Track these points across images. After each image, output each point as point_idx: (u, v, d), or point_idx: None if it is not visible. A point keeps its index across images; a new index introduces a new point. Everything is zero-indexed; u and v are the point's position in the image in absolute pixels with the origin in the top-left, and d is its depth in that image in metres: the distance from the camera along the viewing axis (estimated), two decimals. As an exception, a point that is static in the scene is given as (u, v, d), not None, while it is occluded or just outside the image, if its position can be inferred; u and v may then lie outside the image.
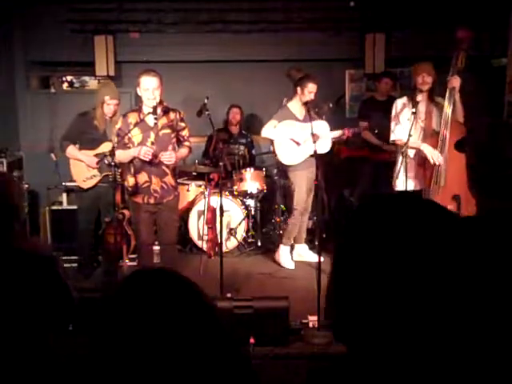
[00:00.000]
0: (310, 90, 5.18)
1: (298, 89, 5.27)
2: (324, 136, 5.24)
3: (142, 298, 0.93)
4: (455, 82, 4.27)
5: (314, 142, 4.55)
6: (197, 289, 0.99)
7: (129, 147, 4.28)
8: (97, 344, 0.92)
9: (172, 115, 4.32)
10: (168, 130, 4.30)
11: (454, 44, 4.29)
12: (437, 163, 4.31)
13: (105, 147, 4.92)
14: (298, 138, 5.31)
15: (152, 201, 4.33)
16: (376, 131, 5.49)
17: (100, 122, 4.90)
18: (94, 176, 4.98)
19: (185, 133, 4.39)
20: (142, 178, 4.31)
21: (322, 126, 5.28)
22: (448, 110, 4.27)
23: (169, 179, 4.36)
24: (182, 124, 4.38)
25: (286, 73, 6.16)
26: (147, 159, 4.15)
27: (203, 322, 0.94)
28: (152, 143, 4.24)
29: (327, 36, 6.61)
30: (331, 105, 5.24)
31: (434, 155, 4.32)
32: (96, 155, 4.94)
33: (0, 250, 1.72)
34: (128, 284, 0.97)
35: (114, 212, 4.61)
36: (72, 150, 4.97)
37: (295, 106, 5.35)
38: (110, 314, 0.94)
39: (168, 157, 4.18)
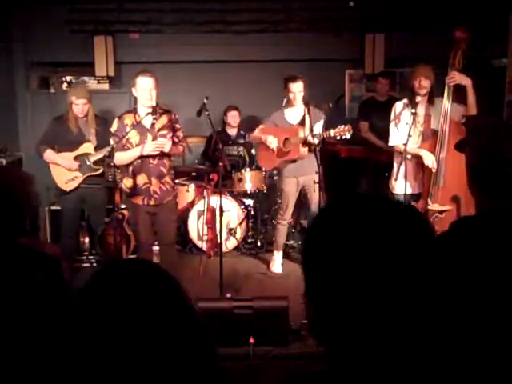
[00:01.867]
0: (292, 90, 5.01)
1: (286, 92, 5.14)
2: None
3: (113, 288, 0.92)
4: (465, 80, 4.22)
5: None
6: (174, 281, 0.98)
7: (127, 149, 4.29)
8: (71, 335, 0.92)
9: (168, 116, 4.34)
10: (165, 131, 4.31)
11: (452, 44, 4.29)
12: (431, 167, 4.31)
13: (85, 148, 4.92)
14: (273, 144, 5.17)
15: (152, 202, 4.35)
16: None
17: (72, 123, 4.90)
18: (76, 177, 4.94)
19: (179, 134, 4.41)
20: (142, 179, 4.31)
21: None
22: (447, 105, 4.27)
23: (167, 180, 4.38)
24: (177, 125, 4.40)
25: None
26: (157, 152, 4.19)
27: (177, 313, 0.93)
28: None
29: (327, 36, 6.62)
30: (331, 105, 5.20)
31: (429, 160, 4.31)
32: (76, 157, 4.93)
33: (5, 245, 1.72)
34: (101, 275, 0.97)
35: (114, 212, 4.61)
36: (50, 154, 4.94)
37: (289, 110, 5.20)
38: (83, 303, 0.93)
39: (163, 142, 4.19)
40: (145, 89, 4.17)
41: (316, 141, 4.83)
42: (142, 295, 0.92)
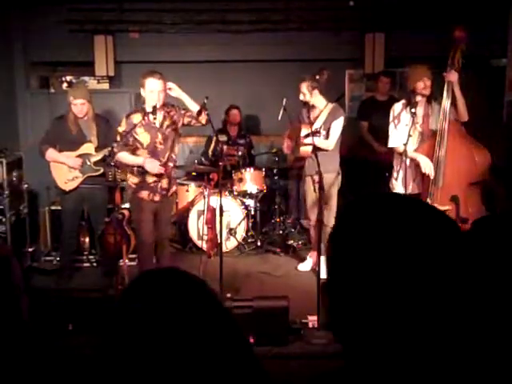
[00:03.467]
0: (300, 90, 5.09)
1: None
2: None
3: (152, 299, 0.91)
4: (452, 76, 4.24)
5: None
6: (209, 289, 0.97)
7: (132, 147, 4.34)
8: (104, 347, 0.90)
9: (172, 112, 4.41)
10: (170, 128, 4.39)
11: (451, 43, 4.29)
12: (428, 174, 4.30)
13: (86, 148, 4.92)
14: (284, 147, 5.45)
15: (157, 198, 4.42)
16: None
17: (72, 123, 4.89)
18: (76, 177, 4.94)
19: (188, 113, 4.44)
20: (152, 177, 4.39)
21: None
22: (446, 104, 4.26)
23: (172, 173, 4.53)
24: (182, 111, 4.44)
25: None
26: (155, 172, 4.30)
27: (217, 323, 0.92)
28: (160, 143, 4.35)
29: (327, 36, 6.62)
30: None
31: (427, 167, 4.30)
32: (77, 157, 4.93)
33: None
34: (138, 284, 0.95)
35: (114, 212, 4.61)
36: (52, 153, 4.94)
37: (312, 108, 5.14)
38: (120, 315, 0.92)
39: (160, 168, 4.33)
40: (153, 91, 4.18)
41: (316, 141, 4.82)
42: (179, 304, 0.90)
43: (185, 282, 0.96)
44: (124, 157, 4.31)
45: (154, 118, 4.25)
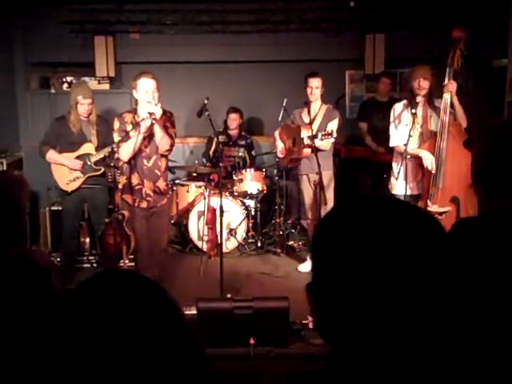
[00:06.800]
0: (310, 84, 5.05)
1: (304, 87, 5.17)
2: None
3: (101, 300, 0.90)
4: (451, 87, 4.26)
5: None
6: (161, 290, 0.96)
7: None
8: (55, 345, 0.90)
9: (163, 116, 4.22)
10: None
11: (450, 44, 4.29)
12: (430, 168, 4.29)
13: (87, 148, 4.92)
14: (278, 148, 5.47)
15: (144, 205, 4.32)
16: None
17: (74, 123, 4.88)
18: (77, 178, 4.93)
19: (170, 131, 4.28)
20: (135, 179, 4.28)
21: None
22: (447, 97, 4.26)
23: (160, 183, 4.35)
24: (168, 124, 4.29)
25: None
26: (151, 111, 4.03)
27: (167, 323, 0.91)
28: (145, 146, 4.22)
29: (327, 36, 6.62)
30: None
31: (428, 161, 4.29)
32: (77, 157, 4.93)
33: None
34: (89, 285, 0.95)
35: (114, 212, 4.61)
36: (53, 155, 4.93)
37: (306, 109, 5.15)
38: (70, 314, 0.91)
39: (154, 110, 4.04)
40: (147, 91, 4.11)
41: (317, 142, 4.87)
42: (127, 306, 0.89)
43: (140, 284, 0.95)
44: (126, 147, 4.15)
45: (154, 119, 4.19)
